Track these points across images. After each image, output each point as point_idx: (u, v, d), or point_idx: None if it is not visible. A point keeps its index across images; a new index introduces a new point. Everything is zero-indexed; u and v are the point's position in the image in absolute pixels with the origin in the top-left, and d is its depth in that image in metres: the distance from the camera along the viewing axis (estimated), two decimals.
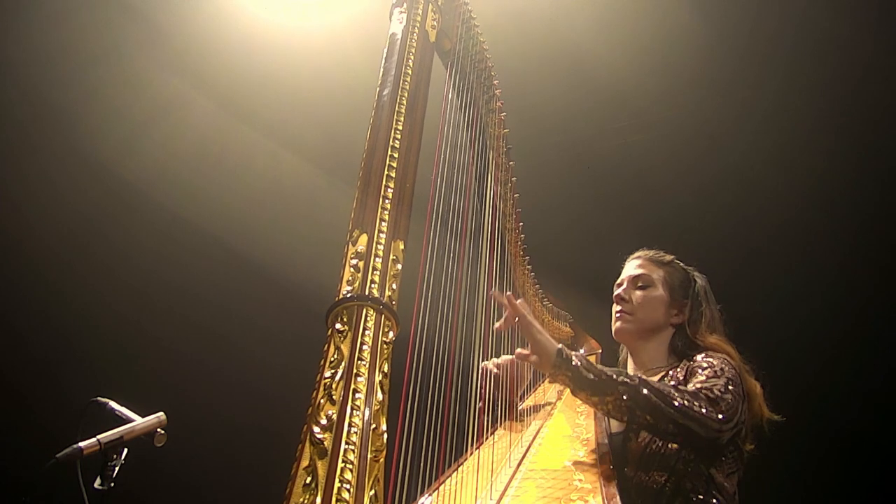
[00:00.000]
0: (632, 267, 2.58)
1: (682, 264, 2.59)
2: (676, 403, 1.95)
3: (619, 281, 2.58)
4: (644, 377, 2.02)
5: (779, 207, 4.66)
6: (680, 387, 2.07)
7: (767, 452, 2.34)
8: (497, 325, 2.12)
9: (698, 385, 2.08)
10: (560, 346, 2.00)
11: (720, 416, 2.00)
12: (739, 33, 4.40)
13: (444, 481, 1.88)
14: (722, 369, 2.16)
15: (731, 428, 2.07)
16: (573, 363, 1.95)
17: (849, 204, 4.57)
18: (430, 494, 1.83)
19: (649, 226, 2.61)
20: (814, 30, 4.26)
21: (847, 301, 4.59)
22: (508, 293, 2.09)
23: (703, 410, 1.97)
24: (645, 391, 1.94)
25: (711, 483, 2.07)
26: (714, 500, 2.06)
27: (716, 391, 2.05)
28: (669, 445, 2.08)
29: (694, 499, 2.04)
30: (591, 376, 1.94)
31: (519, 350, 2.07)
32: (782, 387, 2.36)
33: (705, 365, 2.20)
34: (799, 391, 3.91)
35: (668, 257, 2.59)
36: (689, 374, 2.21)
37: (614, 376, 1.96)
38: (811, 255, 4.60)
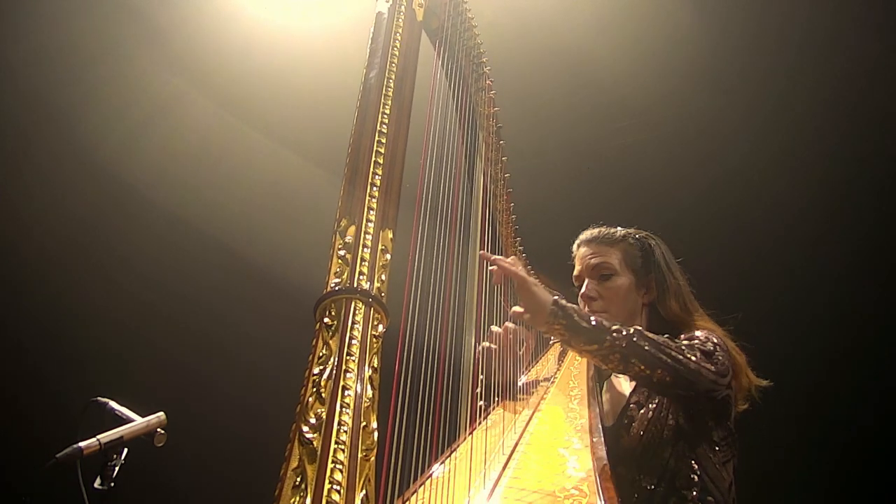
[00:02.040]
0: (586, 255, 2.42)
1: (633, 234, 2.46)
2: (672, 353, 1.91)
3: (576, 273, 2.44)
4: (639, 327, 1.95)
5: (782, 210, 4.64)
6: (675, 339, 2.02)
7: (772, 453, 2.30)
8: (495, 280, 2.03)
9: (686, 343, 2.04)
10: (556, 296, 1.94)
11: (715, 368, 1.97)
12: (743, 34, 4.38)
13: (443, 461, 1.84)
14: (707, 337, 2.11)
15: (726, 385, 2.04)
16: (568, 311, 1.89)
17: (853, 207, 4.55)
18: (442, 463, 1.80)
19: (649, 227, 2.60)
20: (818, 31, 4.25)
21: (851, 305, 4.56)
22: (496, 257, 2.01)
23: (699, 361, 1.94)
24: (639, 339, 1.89)
25: (705, 477, 2.03)
26: (710, 499, 2.02)
27: (708, 346, 2.03)
28: (660, 442, 2.04)
29: (688, 497, 2.00)
30: (586, 324, 1.89)
31: (514, 309, 2.00)
32: (786, 391, 2.33)
33: (691, 336, 2.14)
34: (803, 396, 3.89)
35: (620, 231, 2.45)
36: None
37: (607, 324, 1.91)
38: (815, 259, 4.57)
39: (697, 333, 2.15)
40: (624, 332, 1.89)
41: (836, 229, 4.55)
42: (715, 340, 2.09)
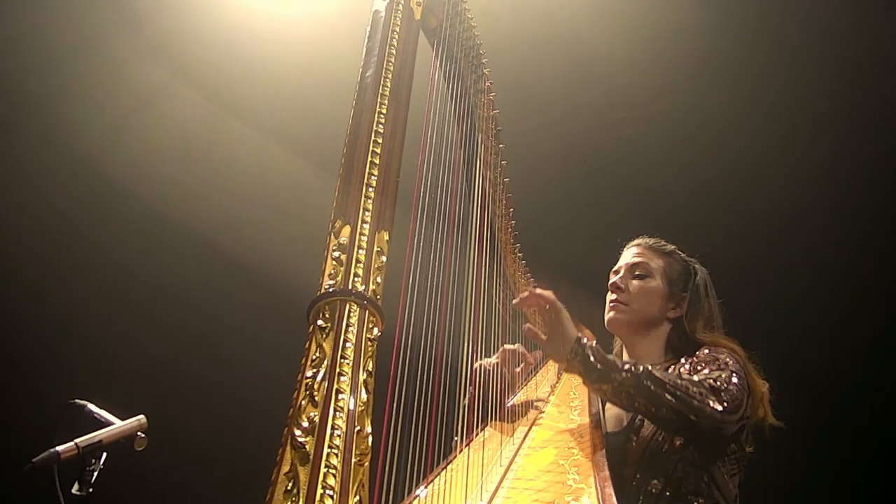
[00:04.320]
0: (630, 254, 2.56)
1: (683, 255, 2.57)
2: (678, 393, 1.96)
3: (615, 268, 2.56)
4: (648, 367, 2.02)
5: (784, 204, 4.65)
6: (684, 376, 2.07)
7: (774, 453, 2.32)
8: (515, 301, 2.18)
9: (702, 376, 2.08)
10: (578, 334, 2.04)
11: (723, 407, 2.00)
12: (744, 22, 4.39)
13: (432, 480, 1.86)
14: (726, 362, 2.15)
15: (736, 420, 2.07)
16: (587, 351, 1.99)
17: (857, 200, 4.57)
18: (425, 486, 1.82)
19: (649, 222, 2.64)
20: (821, 19, 4.25)
21: (855, 300, 4.59)
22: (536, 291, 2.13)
23: (705, 400, 1.98)
24: (646, 380, 1.96)
25: (713, 486, 2.06)
26: None
27: (719, 382, 2.06)
28: (670, 446, 2.07)
29: (694, 502, 2.03)
30: (599, 364, 1.97)
31: (529, 326, 2.12)
32: (790, 389, 2.35)
33: (709, 359, 2.19)
34: (807, 393, 3.91)
35: (670, 247, 2.57)
36: (693, 368, 2.20)
37: (618, 363, 1.99)
38: (818, 254, 4.59)
39: (716, 355, 2.20)
40: (633, 372, 1.97)
41: (839, 225, 4.57)
42: (732, 368, 2.13)
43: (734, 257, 4.53)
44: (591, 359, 1.98)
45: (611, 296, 2.50)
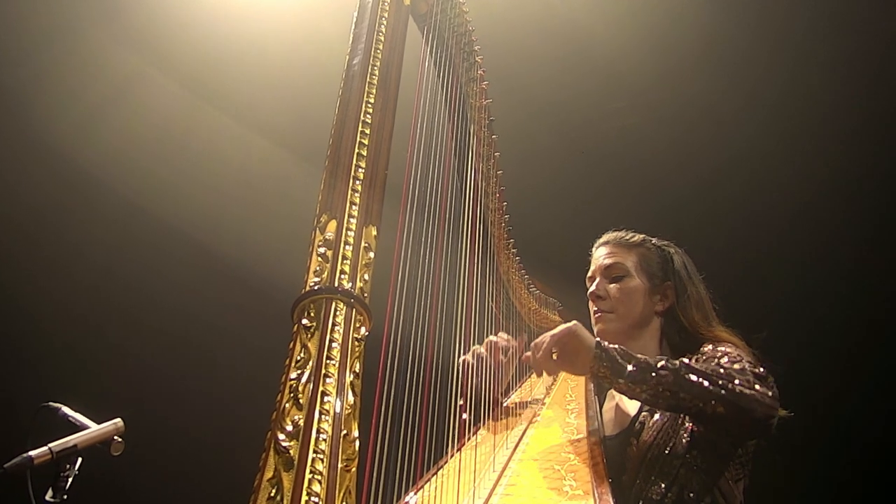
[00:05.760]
0: (601, 256, 2.53)
1: (654, 241, 2.56)
2: (724, 381, 1.93)
3: (589, 274, 2.54)
4: (685, 360, 2.00)
5: (790, 199, 4.67)
6: (725, 364, 2.05)
7: (776, 455, 2.33)
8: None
9: (740, 365, 2.06)
10: (597, 338, 2.01)
11: (772, 393, 1.99)
12: (748, 8, 4.39)
13: (422, 486, 1.86)
14: (740, 356, 2.13)
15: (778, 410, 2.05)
16: (611, 354, 1.95)
17: (865, 195, 4.58)
18: (415, 492, 1.82)
19: (648, 217, 2.65)
20: (829, 7, 4.25)
21: (862, 300, 4.61)
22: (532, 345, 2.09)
23: (753, 386, 1.95)
24: (687, 373, 1.92)
25: (717, 492, 2.06)
26: None
27: (758, 370, 2.04)
28: (672, 451, 2.07)
29: None
30: (630, 366, 1.94)
31: (526, 354, 2.11)
32: (795, 390, 2.36)
33: (719, 353, 2.16)
34: (813, 394, 3.92)
35: (639, 237, 2.55)
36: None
37: (651, 361, 1.95)
38: (824, 251, 4.61)
39: (727, 350, 2.17)
40: (670, 367, 1.93)
41: (846, 220, 4.59)
42: (747, 360, 2.11)
43: (736, 253, 4.55)
44: (619, 360, 1.94)
45: (593, 307, 2.48)
